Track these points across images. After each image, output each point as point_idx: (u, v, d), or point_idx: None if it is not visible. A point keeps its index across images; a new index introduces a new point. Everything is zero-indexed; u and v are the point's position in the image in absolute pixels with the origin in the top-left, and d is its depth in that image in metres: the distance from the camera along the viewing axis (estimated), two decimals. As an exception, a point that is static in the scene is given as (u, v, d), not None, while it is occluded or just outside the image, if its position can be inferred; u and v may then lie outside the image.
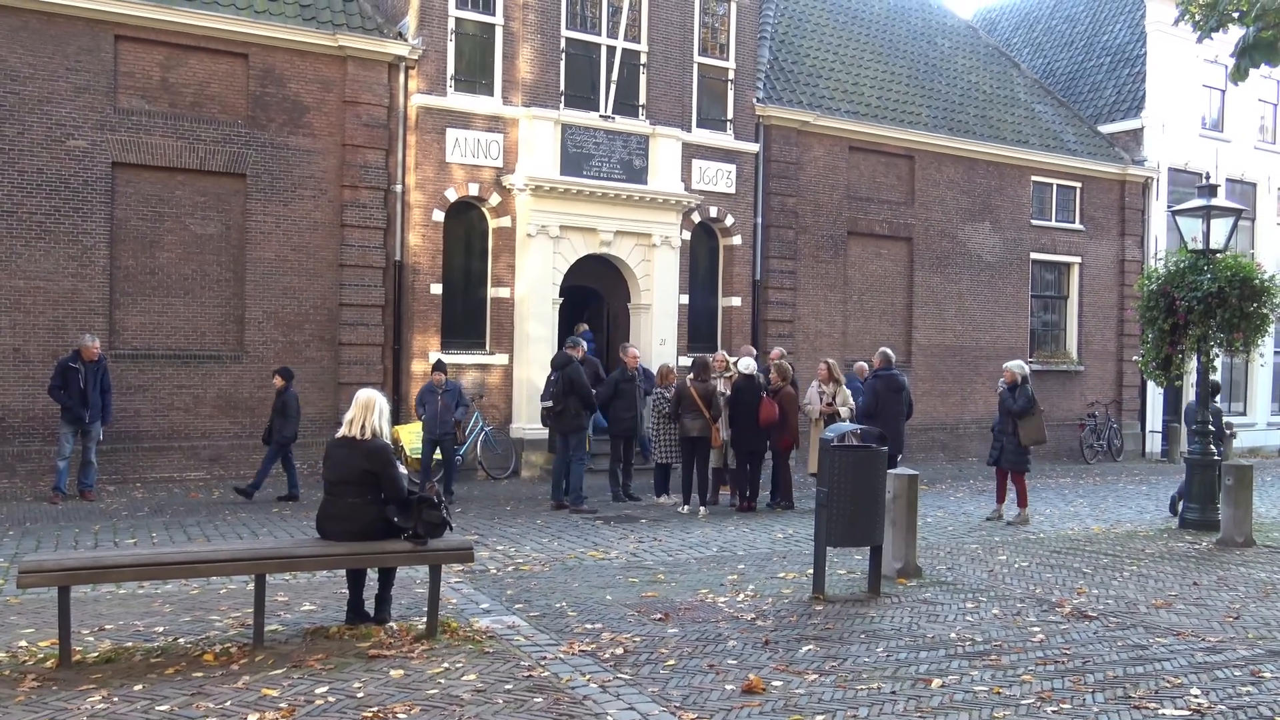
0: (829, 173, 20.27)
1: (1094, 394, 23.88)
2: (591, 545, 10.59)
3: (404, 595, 7.82)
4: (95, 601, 7.74)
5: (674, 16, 18.03)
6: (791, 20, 21.94)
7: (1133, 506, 15.06)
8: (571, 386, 13.01)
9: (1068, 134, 24.07)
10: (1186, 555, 10.58)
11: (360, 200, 15.85)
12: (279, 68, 15.42)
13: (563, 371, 13.09)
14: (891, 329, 21.09)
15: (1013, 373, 12.93)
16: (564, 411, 13.08)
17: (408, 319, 16.16)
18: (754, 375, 13.30)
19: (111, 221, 14.41)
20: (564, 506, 13.04)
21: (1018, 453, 12.71)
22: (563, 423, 13.14)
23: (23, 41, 13.84)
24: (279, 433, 13.63)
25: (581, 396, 13.10)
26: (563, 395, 13.02)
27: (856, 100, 21.11)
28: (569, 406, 13.05)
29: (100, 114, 14.27)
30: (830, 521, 7.97)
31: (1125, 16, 26.46)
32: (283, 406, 13.64)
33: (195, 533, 11.05)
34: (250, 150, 15.21)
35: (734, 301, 19.06)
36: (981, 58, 24.59)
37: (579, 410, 13.16)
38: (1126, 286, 23.57)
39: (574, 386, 13.02)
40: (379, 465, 6.66)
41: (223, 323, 15.22)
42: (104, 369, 13.29)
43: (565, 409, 13.06)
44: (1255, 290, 12.03)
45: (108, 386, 13.36)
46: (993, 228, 22.45)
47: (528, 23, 16.73)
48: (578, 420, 13.18)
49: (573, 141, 17.02)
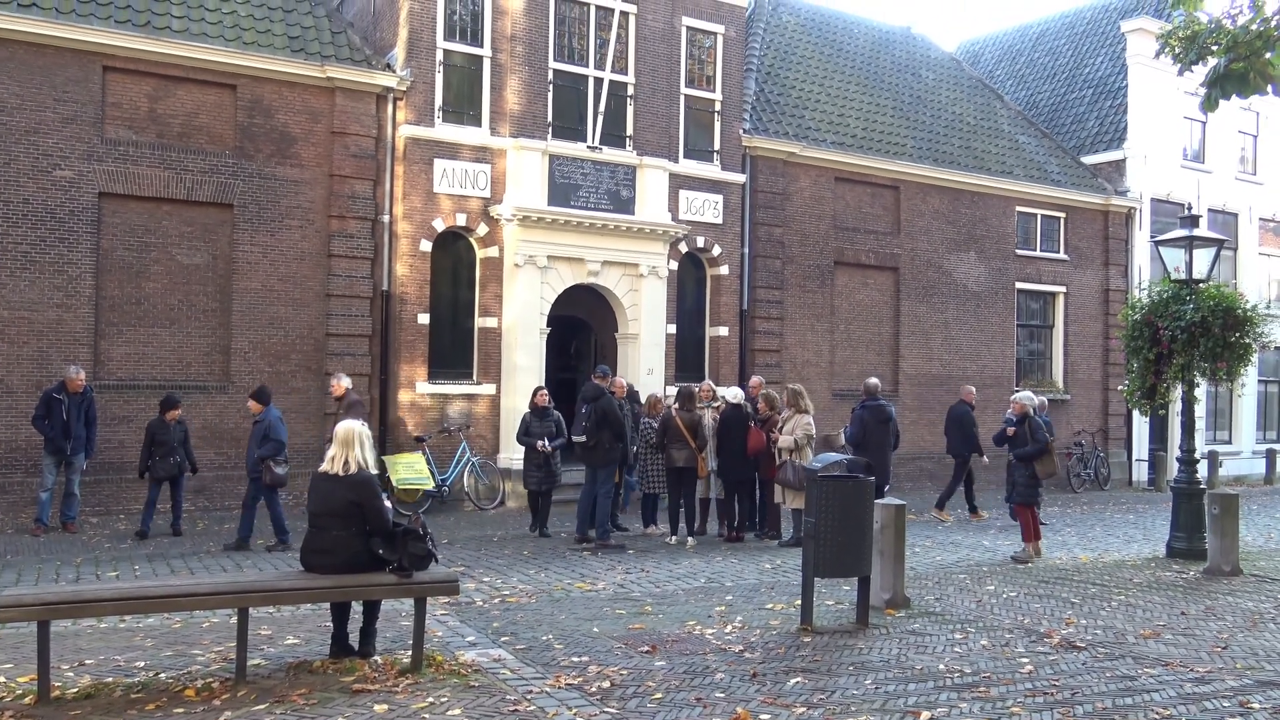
0: (815, 203, 20.39)
1: (1080, 423, 23.96)
2: (578, 576, 10.53)
3: (389, 628, 7.74)
4: (75, 636, 7.65)
5: (661, 49, 18.18)
6: (777, 53, 22.15)
7: (1120, 535, 15.06)
8: (604, 419, 12.63)
9: (1051, 165, 24.30)
10: (1174, 585, 10.58)
11: (348, 230, 15.86)
12: (267, 99, 15.46)
13: (595, 404, 12.72)
14: (878, 358, 21.15)
15: (1022, 404, 12.65)
16: (596, 445, 12.69)
17: (394, 349, 16.13)
18: (741, 405, 13.28)
19: (98, 251, 14.38)
20: (588, 540, 12.65)
21: (1030, 486, 12.36)
22: (594, 457, 12.74)
23: (10, 72, 13.85)
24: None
25: (614, 429, 12.73)
26: (595, 429, 12.64)
27: (842, 131, 21.28)
28: (601, 440, 12.66)
29: (88, 144, 14.27)
30: (818, 552, 7.95)
31: (1107, 50, 26.81)
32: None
33: (178, 565, 10.95)
34: (238, 180, 15.22)
35: (721, 331, 19.10)
36: (965, 90, 24.85)
37: (612, 444, 12.77)
38: (1111, 316, 23.72)
39: (607, 419, 12.64)
40: (364, 497, 6.61)
41: (208, 353, 15.16)
42: (89, 400, 13.16)
43: (598, 443, 12.67)
44: (1238, 320, 12.11)
45: (92, 418, 13.22)
46: (978, 257, 22.59)
47: (515, 54, 16.84)
48: (610, 454, 12.79)
49: (560, 172, 17.10)
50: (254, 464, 12.03)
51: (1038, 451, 12.31)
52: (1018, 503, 12.59)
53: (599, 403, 12.70)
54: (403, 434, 16.00)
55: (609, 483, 12.92)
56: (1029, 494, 12.38)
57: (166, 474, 12.93)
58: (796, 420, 12.66)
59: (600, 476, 12.74)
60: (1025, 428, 12.46)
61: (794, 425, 12.62)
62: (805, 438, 12.49)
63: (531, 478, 13.55)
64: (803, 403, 12.85)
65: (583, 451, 12.92)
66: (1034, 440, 12.38)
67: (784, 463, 12.50)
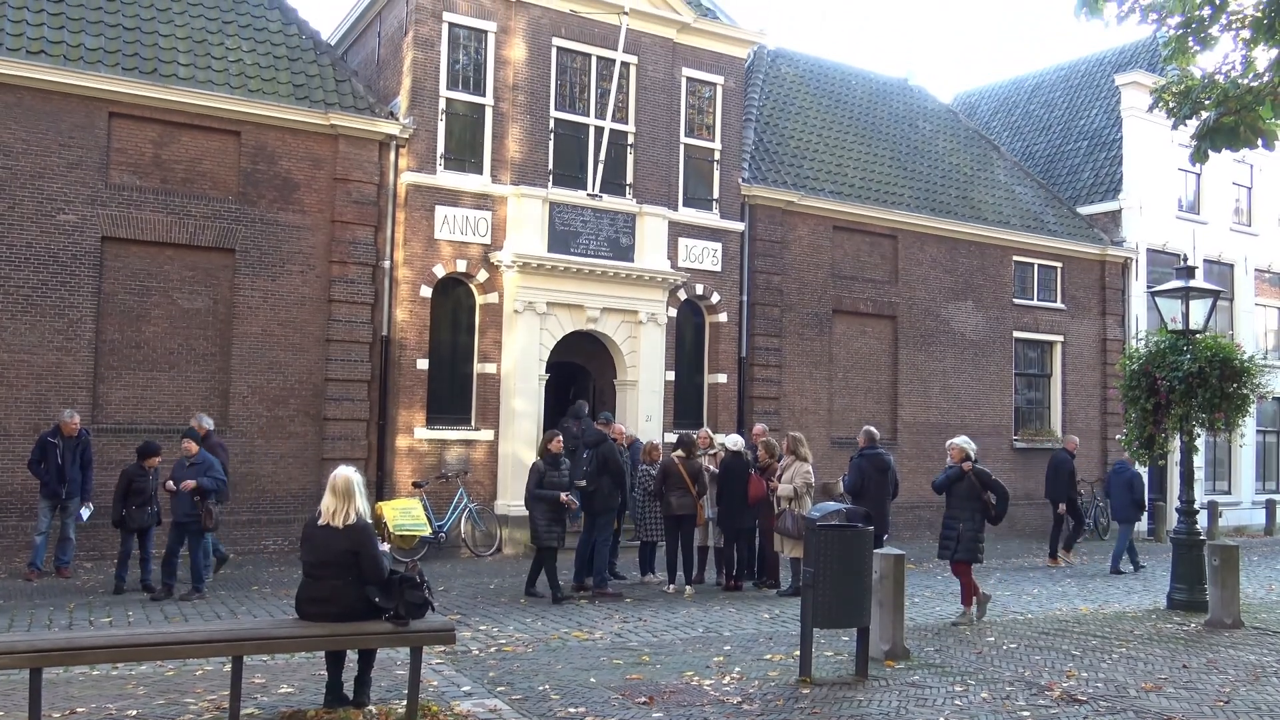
0: (814, 251, 20.52)
1: (1079, 472, 23.75)
2: (575, 625, 10.45)
3: (384, 677, 7.67)
4: (67, 683, 7.57)
5: (661, 99, 18.40)
6: (776, 103, 22.41)
7: (1120, 586, 14.97)
8: (605, 465, 12.56)
9: (1047, 215, 24.49)
10: (1175, 637, 10.50)
11: (348, 276, 15.93)
12: (271, 145, 15.61)
13: (596, 450, 12.67)
14: (877, 406, 21.15)
15: (961, 449, 11.28)
16: (595, 491, 12.59)
17: (393, 394, 16.13)
18: (742, 452, 13.26)
19: (99, 295, 14.43)
20: (585, 588, 12.54)
21: (976, 540, 11.03)
22: (594, 503, 12.63)
23: (17, 118, 14.00)
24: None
25: (615, 476, 12.65)
26: (596, 474, 12.56)
27: (840, 181, 21.47)
28: (601, 486, 12.56)
29: (92, 189, 14.39)
30: (817, 602, 7.90)
31: (1101, 102, 27.14)
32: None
33: (172, 611, 10.86)
34: (240, 226, 15.33)
35: (720, 378, 19.12)
36: (962, 140, 25.11)
37: (612, 490, 12.68)
38: (1109, 365, 23.76)
39: (607, 465, 12.57)
40: (361, 546, 6.59)
41: (207, 397, 15.16)
42: (85, 444, 13.08)
43: (598, 488, 12.58)
44: (1235, 370, 12.15)
45: (88, 462, 13.11)
46: (976, 306, 22.69)
47: (517, 103, 17.04)
48: (609, 500, 12.68)
49: (560, 219, 17.22)
50: (190, 508, 11.57)
51: (1006, 502, 11.13)
52: (959, 560, 11.10)
53: (601, 448, 12.66)
54: (400, 479, 15.95)
55: (607, 530, 12.83)
56: (972, 550, 11.02)
57: (142, 524, 12.04)
58: (795, 468, 12.65)
59: (598, 524, 12.66)
60: (973, 477, 11.09)
61: (793, 473, 12.60)
62: (804, 486, 12.47)
63: (552, 533, 12.16)
64: (802, 450, 12.83)
65: (582, 498, 12.86)
66: (990, 489, 11.03)
67: (783, 511, 12.46)
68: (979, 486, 11.04)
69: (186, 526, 11.69)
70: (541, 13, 17.22)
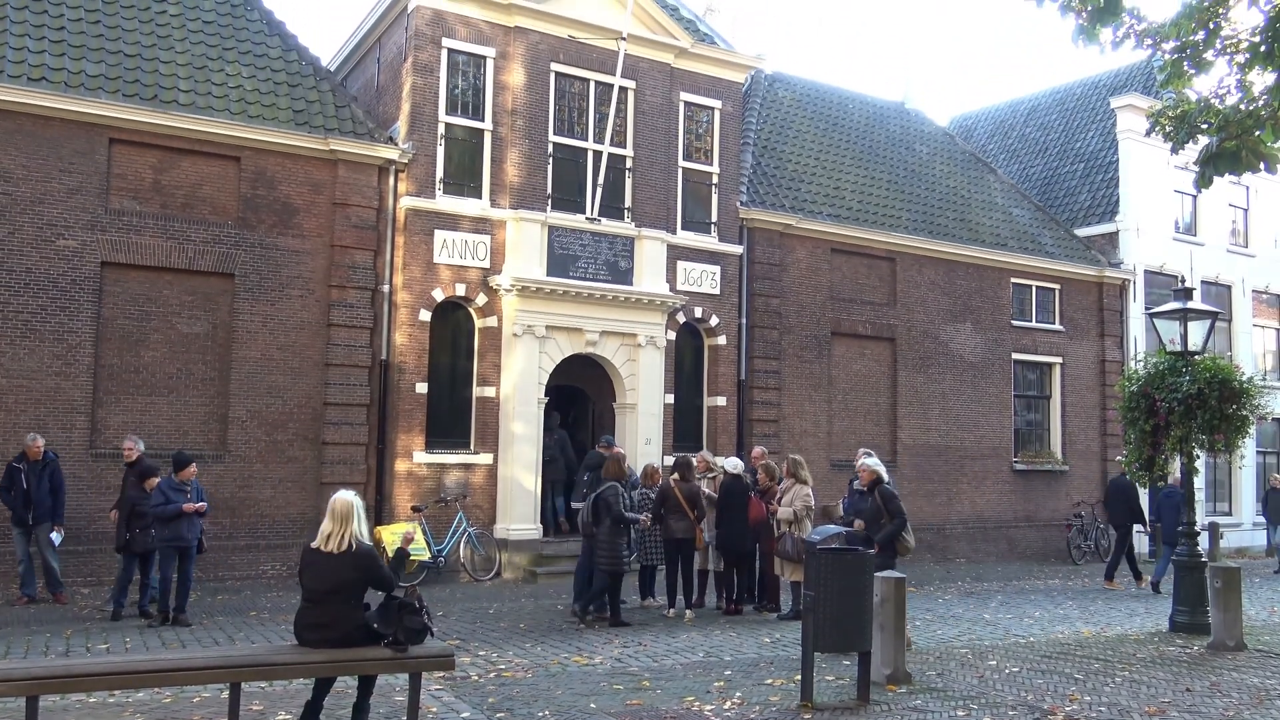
0: (812, 274, 20.56)
1: (1079, 494, 23.86)
2: (575, 650, 10.39)
3: (383, 704, 7.62)
4: (64, 711, 7.51)
5: (659, 123, 18.49)
6: (774, 126, 22.52)
7: (1122, 609, 14.91)
8: (607, 510, 12.36)
9: (1045, 237, 24.56)
10: (1178, 660, 10.45)
11: (347, 300, 15.95)
12: (270, 170, 15.67)
13: (598, 496, 12.58)
14: (876, 429, 21.13)
15: (872, 470, 10.88)
16: (596, 533, 12.45)
17: (392, 418, 16.11)
18: (741, 475, 13.24)
19: (98, 320, 14.44)
20: (585, 613, 12.43)
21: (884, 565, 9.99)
22: (596, 551, 12.47)
23: (18, 144, 14.05)
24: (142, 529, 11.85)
25: (615, 520, 12.41)
26: (595, 520, 12.44)
27: (838, 204, 21.55)
28: (601, 531, 12.40)
29: (91, 214, 14.42)
30: (817, 626, 7.86)
31: (1097, 125, 27.28)
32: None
33: (170, 637, 10.80)
34: (239, 250, 15.36)
35: (719, 401, 19.10)
36: (959, 163, 25.22)
37: (613, 534, 12.42)
38: (1108, 386, 23.76)
39: (609, 510, 12.34)
40: (368, 570, 6.59)
41: (206, 421, 15.14)
42: (53, 468, 12.76)
43: (598, 532, 12.43)
44: (1234, 392, 12.13)
45: (58, 485, 12.73)
46: (974, 328, 22.72)
47: (516, 128, 17.11)
48: (612, 543, 12.42)
49: (559, 243, 17.26)
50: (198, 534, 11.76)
51: (898, 530, 10.58)
52: None
53: (604, 492, 12.48)
54: (399, 503, 15.91)
55: None
56: None
57: (146, 547, 11.99)
58: (795, 491, 12.61)
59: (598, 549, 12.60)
60: (876, 498, 10.67)
61: (793, 496, 12.56)
62: (804, 509, 12.43)
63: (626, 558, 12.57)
64: (802, 473, 12.80)
65: (584, 527, 12.81)
66: (889, 514, 10.58)
67: (783, 534, 12.41)
68: (883, 509, 10.60)
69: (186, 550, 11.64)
70: (540, 38, 17.34)
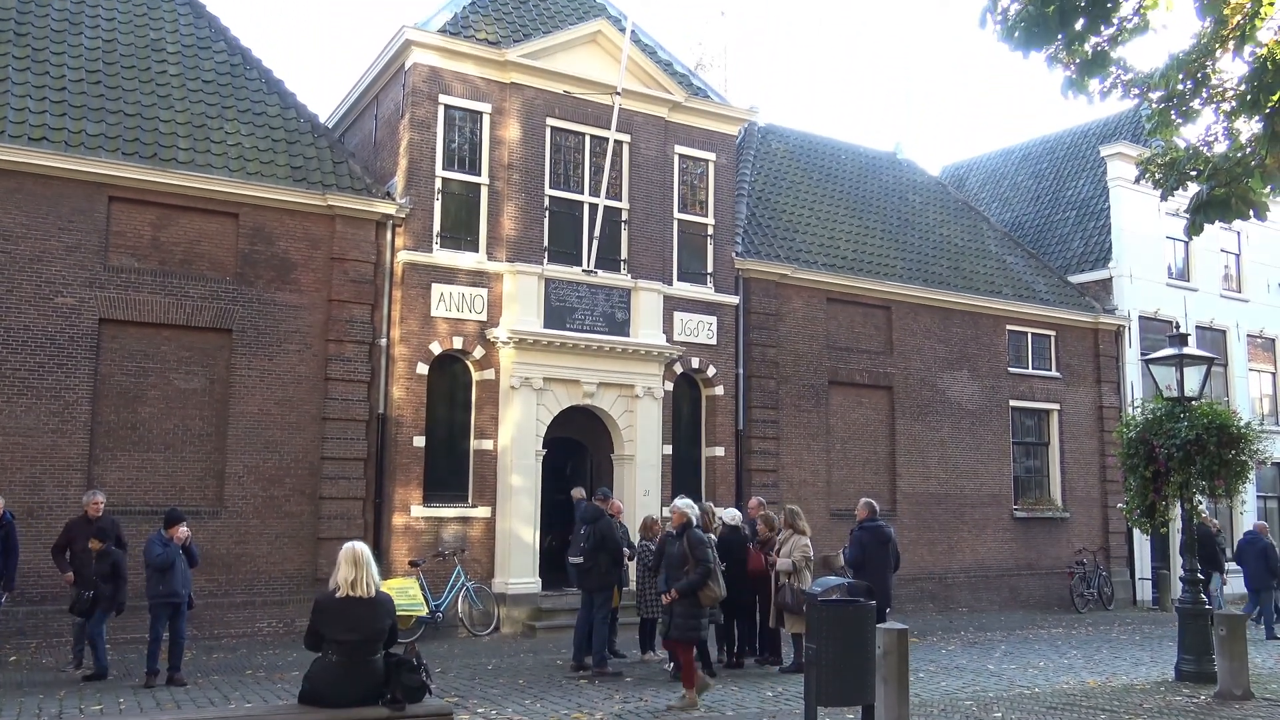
0: (808, 323, 20.63)
1: (1081, 541, 23.74)
2: (575, 706, 10.26)
3: (380, 764, 7.49)
4: (56, 775, 7.39)
5: (654, 175, 18.66)
6: (768, 178, 22.73)
7: (1127, 658, 14.76)
8: (602, 543, 12.42)
9: (1039, 284, 24.70)
10: (1185, 710, 10.32)
11: (345, 354, 15.97)
12: (268, 226, 15.77)
13: (594, 526, 12.54)
14: (875, 477, 21.08)
15: (683, 513, 10.71)
16: (593, 569, 12.46)
17: (390, 472, 16.06)
18: (739, 527, 13.17)
19: (96, 377, 14.44)
20: (584, 668, 12.31)
21: (692, 617, 10.19)
22: (589, 580, 12.49)
23: (17, 203, 14.15)
24: None
25: (612, 553, 12.52)
26: (593, 552, 12.43)
27: (833, 253, 21.69)
28: (598, 563, 12.43)
29: (90, 271, 14.48)
30: (820, 680, 7.78)
31: (1088, 173, 27.56)
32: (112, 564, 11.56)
33: (164, 697, 10.66)
34: (237, 306, 15.40)
35: (717, 451, 19.06)
36: (952, 212, 25.44)
37: (609, 567, 12.52)
38: (1106, 433, 23.75)
39: (604, 543, 12.44)
40: (392, 615, 6.59)
41: (202, 477, 15.08)
42: (8, 529, 12.15)
43: (594, 566, 12.44)
44: (1233, 437, 12.12)
45: (11, 548, 12.09)
46: (971, 375, 22.75)
47: (512, 182, 17.27)
48: (606, 578, 12.51)
49: (556, 295, 17.33)
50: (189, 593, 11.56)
51: (702, 579, 10.19)
52: (675, 639, 10.29)
53: (598, 525, 12.55)
54: (397, 558, 15.79)
55: (605, 608, 12.63)
56: (689, 628, 10.19)
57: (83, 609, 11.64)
58: (794, 541, 12.52)
59: (596, 601, 12.49)
60: (683, 543, 10.48)
61: (791, 547, 12.47)
62: (803, 560, 12.33)
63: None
64: (800, 523, 12.73)
65: (578, 575, 12.71)
66: (694, 560, 10.23)
67: (782, 586, 12.31)
68: (689, 555, 10.34)
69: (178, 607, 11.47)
70: (535, 94, 17.55)
